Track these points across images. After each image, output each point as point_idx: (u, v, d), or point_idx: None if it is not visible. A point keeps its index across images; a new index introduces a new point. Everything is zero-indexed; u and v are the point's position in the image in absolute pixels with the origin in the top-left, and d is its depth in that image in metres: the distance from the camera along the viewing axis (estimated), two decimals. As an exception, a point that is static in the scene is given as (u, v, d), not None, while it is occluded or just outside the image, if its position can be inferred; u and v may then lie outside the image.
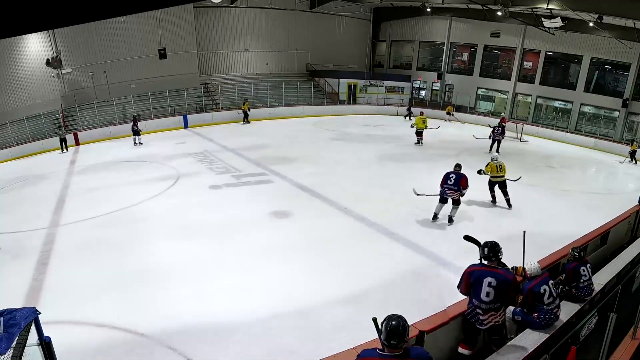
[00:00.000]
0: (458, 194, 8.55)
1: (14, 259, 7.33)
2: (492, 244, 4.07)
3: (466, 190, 8.57)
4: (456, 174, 8.56)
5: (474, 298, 3.99)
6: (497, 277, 3.90)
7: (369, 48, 30.86)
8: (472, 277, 3.98)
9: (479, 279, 3.94)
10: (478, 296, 3.94)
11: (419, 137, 17.39)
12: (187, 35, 22.27)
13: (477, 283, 3.94)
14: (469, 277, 4.00)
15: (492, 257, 4.02)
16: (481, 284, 3.92)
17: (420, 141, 17.41)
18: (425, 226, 8.87)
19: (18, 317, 2.85)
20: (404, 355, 2.58)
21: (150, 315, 5.60)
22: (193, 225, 8.68)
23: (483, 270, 3.99)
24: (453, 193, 8.56)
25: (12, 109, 17.11)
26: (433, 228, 8.80)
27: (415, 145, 17.30)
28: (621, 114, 20.43)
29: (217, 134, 18.83)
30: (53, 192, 11.03)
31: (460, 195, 8.58)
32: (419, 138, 17.40)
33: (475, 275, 3.97)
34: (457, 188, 8.46)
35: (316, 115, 24.58)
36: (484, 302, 3.92)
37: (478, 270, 4.01)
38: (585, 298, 4.76)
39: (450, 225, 8.82)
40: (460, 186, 8.44)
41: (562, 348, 3.57)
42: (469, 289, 4.02)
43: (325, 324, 5.46)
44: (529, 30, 22.69)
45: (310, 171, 12.78)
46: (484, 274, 3.94)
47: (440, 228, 8.83)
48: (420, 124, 17.26)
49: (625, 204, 9.32)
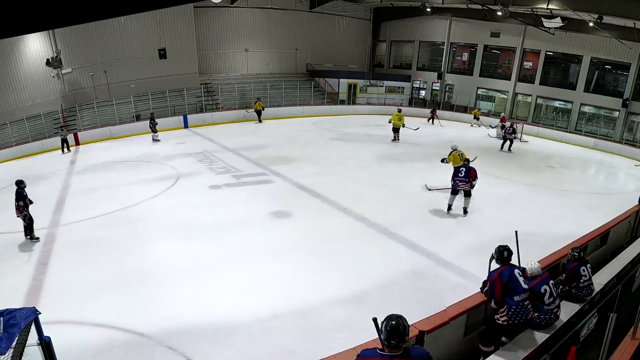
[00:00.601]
0: (469, 186, 9.16)
1: (14, 259, 7.33)
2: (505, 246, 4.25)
3: (476, 181, 9.17)
4: (466, 167, 9.18)
5: (514, 296, 4.00)
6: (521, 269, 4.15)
7: (369, 48, 30.86)
8: (504, 277, 4.01)
9: (511, 276, 4.01)
10: (519, 291, 4.00)
11: (395, 134, 17.61)
12: (187, 35, 22.27)
13: (512, 279, 4.00)
14: (501, 279, 4.01)
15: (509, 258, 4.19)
16: (516, 279, 4.00)
17: (397, 137, 17.59)
18: (425, 226, 8.87)
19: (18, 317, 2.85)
20: (404, 355, 2.59)
21: (150, 315, 5.60)
22: (193, 225, 8.68)
23: (506, 267, 4.10)
24: (464, 185, 9.16)
25: (12, 109, 17.10)
26: (433, 228, 8.81)
27: (392, 142, 17.49)
28: (621, 114, 20.43)
29: (217, 134, 18.83)
30: (53, 192, 11.03)
31: (470, 186, 9.16)
32: (395, 135, 17.61)
33: (505, 274, 4.03)
34: (467, 180, 9.09)
35: (316, 115, 24.58)
36: (524, 291, 4.02)
37: (505, 268, 4.09)
38: (585, 298, 4.76)
39: (465, 216, 9.34)
40: (470, 178, 9.06)
41: (562, 348, 3.57)
42: (503, 292, 4.01)
43: (325, 324, 5.46)
44: (529, 30, 22.69)
45: (310, 171, 12.78)
46: (511, 270, 4.06)
47: (440, 228, 8.84)
48: (396, 121, 17.39)
49: (625, 204, 9.33)
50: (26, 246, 7.82)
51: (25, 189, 8.16)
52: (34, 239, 8.10)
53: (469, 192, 9.27)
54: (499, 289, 3.99)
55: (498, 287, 3.99)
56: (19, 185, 8.13)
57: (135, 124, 19.70)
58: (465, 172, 9.09)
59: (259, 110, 21.86)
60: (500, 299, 4.02)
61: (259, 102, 22.07)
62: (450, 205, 9.47)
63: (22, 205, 7.97)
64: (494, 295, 4.04)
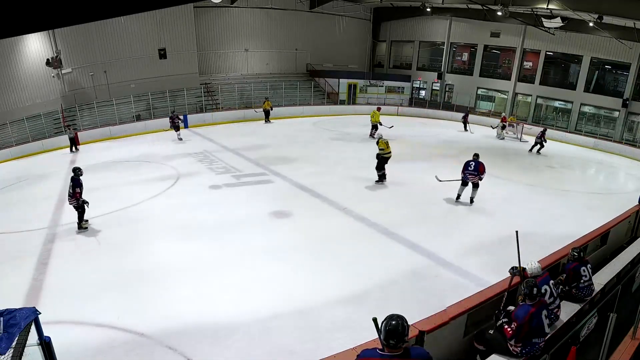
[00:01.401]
0: (477, 178, 9.95)
1: (14, 259, 7.32)
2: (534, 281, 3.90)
3: (484, 175, 9.94)
4: (475, 162, 9.91)
5: (533, 339, 3.76)
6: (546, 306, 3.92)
7: (369, 48, 30.86)
8: (533, 322, 3.72)
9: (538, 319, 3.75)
10: (540, 335, 3.79)
11: (372, 130, 18.08)
12: (187, 35, 22.27)
13: (538, 324, 3.75)
14: (530, 324, 3.71)
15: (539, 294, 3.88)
16: (542, 323, 3.77)
17: (374, 134, 17.90)
18: (425, 226, 8.87)
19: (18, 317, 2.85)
20: (404, 355, 2.59)
21: (150, 315, 5.60)
22: (193, 225, 8.68)
23: (537, 308, 3.80)
24: (473, 177, 9.95)
25: (12, 109, 17.11)
26: (433, 228, 8.81)
27: (369, 137, 17.92)
28: (621, 114, 20.44)
29: (217, 134, 18.83)
30: (53, 192, 11.02)
31: (479, 179, 9.94)
32: (372, 131, 18.07)
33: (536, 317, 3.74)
34: (476, 173, 9.87)
35: (316, 115, 24.58)
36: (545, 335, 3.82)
37: (536, 311, 3.77)
38: (585, 298, 4.76)
39: (471, 205, 10.10)
40: (479, 171, 9.84)
41: (562, 348, 3.57)
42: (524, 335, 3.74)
43: (325, 324, 5.46)
44: (529, 30, 22.70)
45: (310, 171, 12.78)
46: (539, 311, 3.78)
47: (440, 228, 8.84)
48: (373, 118, 17.99)
49: (625, 204, 9.33)
50: (26, 246, 7.80)
51: (81, 176, 8.25)
52: (81, 229, 8.21)
53: (477, 184, 10.02)
54: (524, 333, 3.72)
55: (525, 331, 3.71)
56: (76, 172, 8.20)
57: (135, 124, 19.72)
58: (475, 166, 9.84)
59: (268, 110, 21.74)
60: (521, 340, 3.78)
61: (268, 102, 21.93)
62: (460, 195, 10.29)
63: (80, 193, 8.09)
64: (516, 337, 3.75)
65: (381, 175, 11.59)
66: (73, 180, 8.18)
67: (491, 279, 5.69)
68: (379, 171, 11.53)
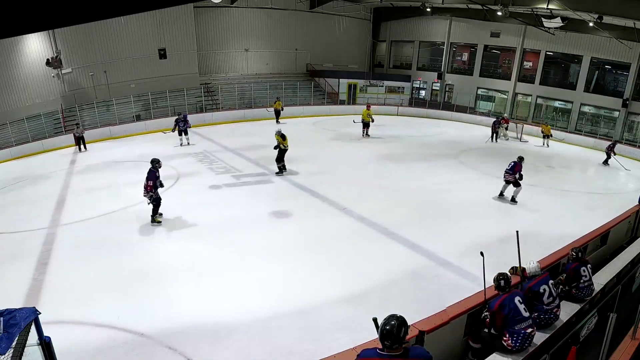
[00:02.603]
0: (513, 177, 10.35)
1: (14, 259, 7.32)
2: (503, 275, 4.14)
3: (518, 174, 10.32)
4: (513, 162, 10.49)
5: (515, 325, 3.88)
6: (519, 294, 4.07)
7: (369, 48, 30.86)
8: (505, 309, 3.90)
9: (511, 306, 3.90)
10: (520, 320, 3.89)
11: (364, 129, 18.37)
12: (187, 35, 22.26)
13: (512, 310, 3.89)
14: (501, 311, 3.90)
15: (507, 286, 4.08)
16: (516, 308, 3.90)
17: (367, 133, 18.34)
18: (425, 226, 8.87)
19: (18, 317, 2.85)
20: (403, 355, 2.59)
21: (150, 315, 5.60)
22: (193, 225, 8.67)
23: (507, 296, 3.98)
24: (509, 176, 10.43)
25: (12, 109, 17.10)
26: (433, 228, 8.81)
27: (362, 137, 18.18)
28: (621, 114, 20.44)
29: (217, 134, 18.81)
30: (53, 192, 11.02)
31: (514, 178, 10.33)
32: (364, 130, 18.36)
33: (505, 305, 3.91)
34: (512, 172, 10.37)
35: (316, 115, 24.56)
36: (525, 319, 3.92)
37: (506, 298, 3.96)
38: (585, 298, 4.77)
39: (514, 204, 10.40)
40: (514, 171, 10.31)
41: (562, 348, 3.57)
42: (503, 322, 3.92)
43: (325, 324, 5.46)
44: (529, 30, 22.69)
45: (310, 171, 12.78)
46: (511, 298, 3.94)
47: (440, 228, 8.84)
48: (365, 117, 18.24)
49: (625, 204, 9.34)
50: (26, 246, 7.80)
51: (159, 169, 8.05)
52: (154, 222, 8.16)
53: (516, 182, 10.40)
54: (499, 321, 3.93)
55: (498, 319, 3.93)
56: (154, 164, 7.96)
57: (135, 124, 19.70)
58: (512, 166, 10.42)
59: (279, 110, 21.55)
60: (500, 328, 3.96)
61: (279, 102, 21.76)
62: (502, 192, 10.81)
63: (151, 185, 7.86)
64: (494, 326, 4.00)
65: (281, 167, 12.32)
66: (149, 172, 7.89)
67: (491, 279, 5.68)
68: (278, 163, 12.24)
